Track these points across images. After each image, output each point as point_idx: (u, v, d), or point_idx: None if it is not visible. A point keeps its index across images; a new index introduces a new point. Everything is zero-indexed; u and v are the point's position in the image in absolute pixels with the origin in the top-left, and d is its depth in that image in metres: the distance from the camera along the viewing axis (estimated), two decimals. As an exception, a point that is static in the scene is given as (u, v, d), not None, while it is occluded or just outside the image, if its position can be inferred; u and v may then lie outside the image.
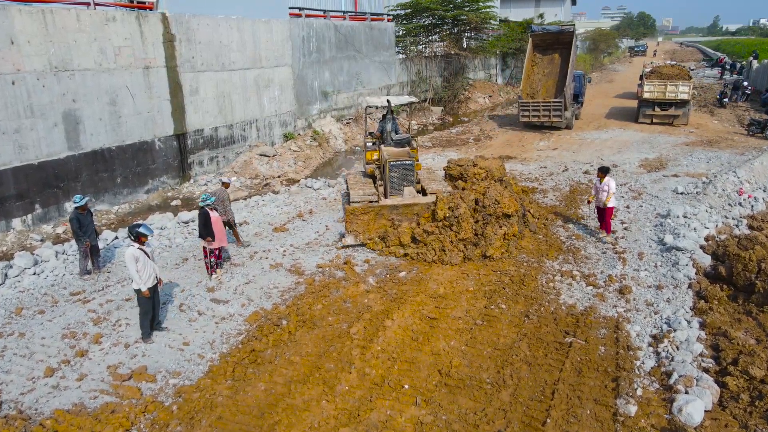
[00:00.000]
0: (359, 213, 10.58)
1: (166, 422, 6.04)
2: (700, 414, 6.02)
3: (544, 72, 25.43)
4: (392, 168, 11.14)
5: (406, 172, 11.23)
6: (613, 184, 10.74)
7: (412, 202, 10.85)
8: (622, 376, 6.72)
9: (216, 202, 9.78)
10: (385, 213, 10.69)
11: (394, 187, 11.23)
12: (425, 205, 10.66)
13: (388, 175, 11.17)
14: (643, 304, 8.46)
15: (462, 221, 10.09)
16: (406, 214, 10.73)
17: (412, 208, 10.72)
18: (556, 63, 25.20)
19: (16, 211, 12.24)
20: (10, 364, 7.07)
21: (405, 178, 11.23)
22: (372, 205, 10.77)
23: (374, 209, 10.66)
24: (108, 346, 7.50)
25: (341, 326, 7.95)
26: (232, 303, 8.66)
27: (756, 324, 7.88)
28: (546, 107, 22.98)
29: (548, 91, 24.36)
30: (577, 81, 25.28)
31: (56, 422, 5.98)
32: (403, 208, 10.72)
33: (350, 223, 10.60)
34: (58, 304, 8.71)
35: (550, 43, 25.31)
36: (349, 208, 10.58)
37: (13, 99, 11.89)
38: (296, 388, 6.58)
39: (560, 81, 24.09)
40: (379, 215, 10.67)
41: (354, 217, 10.57)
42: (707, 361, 7.05)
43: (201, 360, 7.20)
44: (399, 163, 11.15)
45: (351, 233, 10.63)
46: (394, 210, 10.71)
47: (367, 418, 6.08)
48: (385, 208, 10.70)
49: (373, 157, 12.82)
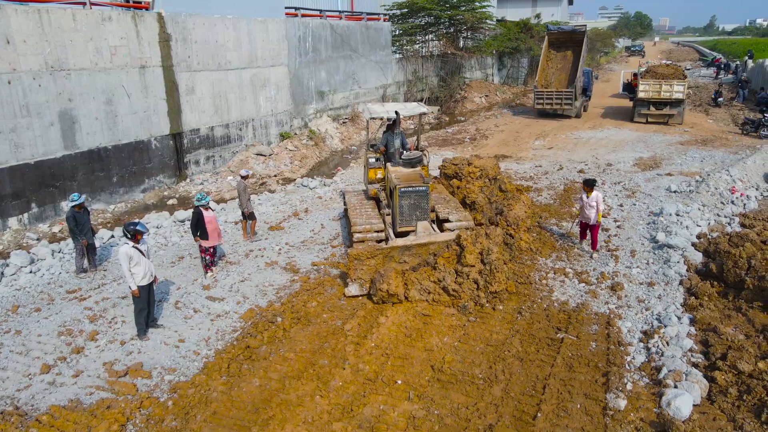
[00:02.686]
0: (365, 258, 8.65)
1: (162, 417, 6.11)
2: (689, 408, 6.11)
3: (557, 66, 28.75)
4: (403, 195, 9.34)
5: (420, 200, 9.44)
6: (601, 198, 10.17)
7: (428, 240, 8.94)
8: (612, 371, 6.81)
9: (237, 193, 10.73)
10: (395, 256, 8.83)
11: (405, 218, 9.47)
12: (443, 244, 8.85)
13: (398, 203, 9.38)
14: (634, 301, 8.56)
15: (496, 271, 8.41)
16: (420, 254, 8.90)
17: (428, 247, 8.89)
18: (569, 59, 28.62)
19: (13, 210, 12.27)
20: (7, 361, 7.12)
21: (418, 207, 9.46)
22: (380, 247, 8.91)
23: (382, 252, 8.76)
24: (104, 343, 7.55)
25: (335, 323, 8.02)
26: (228, 300, 8.72)
27: (746, 320, 7.98)
28: (558, 96, 26.18)
29: (560, 83, 27.57)
30: (586, 76, 28.35)
31: (52, 418, 6.04)
32: (416, 248, 8.88)
33: (354, 271, 8.62)
34: (55, 302, 8.76)
35: (563, 41, 28.80)
36: (353, 253, 8.62)
37: (9, 98, 11.93)
38: (290, 383, 6.65)
39: (571, 74, 27.26)
40: (389, 258, 8.80)
41: (359, 263, 8.63)
42: (697, 357, 7.14)
43: (196, 356, 7.26)
44: (411, 189, 9.34)
45: (355, 282, 8.65)
46: (407, 251, 8.86)
47: (360, 413, 6.15)
48: (395, 250, 8.83)
49: (376, 175, 11.33)
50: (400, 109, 11.20)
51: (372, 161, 11.43)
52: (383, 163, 11.25)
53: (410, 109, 11.73)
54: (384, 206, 10.36)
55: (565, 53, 29.02)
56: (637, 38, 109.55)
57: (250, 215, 11.16)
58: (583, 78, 27.75)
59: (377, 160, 11.44)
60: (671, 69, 25.24)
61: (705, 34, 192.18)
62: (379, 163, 11.41)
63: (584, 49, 28.04)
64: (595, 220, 10.12)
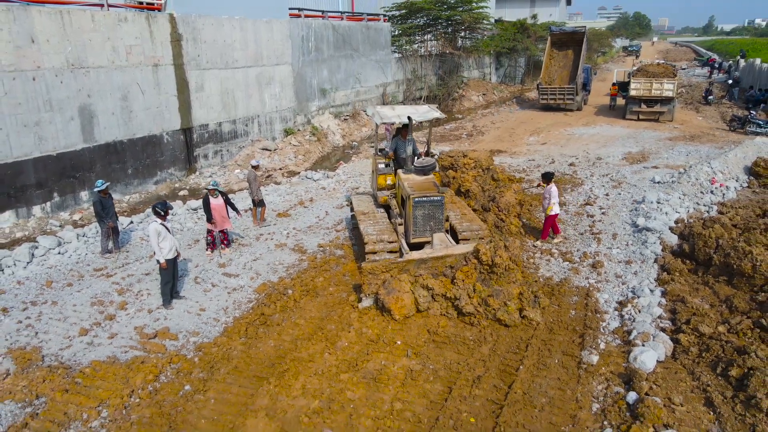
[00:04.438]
0: (379, 272, 8.27)
1: (189, 370, 6.95)
2: (653, 362, 6.95)
3: (559, 64, 31.53)
4: (417, 205, 8.97)
5: (434, 210, 9.06)
6: (555, 192, 10.56)
7: (445, 253, 8.53)
8: (588, 334, 7.66)
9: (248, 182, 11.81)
10: (410, 269, 8.39)
11: (419, 229, 9.08)
12: (461, 256, 8.46)
13: (411, 213, 9.01)
14: (612, 277, 9.40)
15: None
16: (436, 267, 8.49)
17: (444, 260, 8.48)
18: (570, 57, 31.36)
19: (36, 199, 13.10)
20: (48, 326, 7.95)
21: (432, 218, 9.09)
22: (395, 261, 8.49)
23: (397, 266, 8.31)
24: (133, 311, 8.39)
25: (341, 295, 8.87)
26: (242, 277, 9.57)
27: (711, 292, 8.83)
28: (561, 92, 28.95)
29: (563, 79, 30.39)
30: (586, 73, 31.32)
31: (94, 371, 6.88)
32: (432, 262, 8.45)
33: (368, 285, 8.28)
34: (84, 278, 9.60)
35: (565, 41, 31.69)
36: (366, 267, 8.25)
37: (34, 94, 12.76)
38: (302, 344, 7.49)
39: (572, 71, 30.03)
40: (404, 272, 8.37)
41: (373, 277, 8.26)
42: (665, 323, 7.99)
43: (216, 323, 8.10)
44: (426, 199, 8.96)
45: (369, 297, 8.32)
46: (422, 264, 8.42)
47: (364, 367, 7.00)
48: (411, 263, 8.37)
49: (386, 182, 10.90)
50: (411, 114, 10.59)
51: (381, 167, 10.95)
52: (393, 170, 10.86)
53: (422, 113, 10.90)
54: (395, 215, 9.92)
55: (567, 52, 31.65)
56: (635, 38, 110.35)
57: (259, 202, 12.02)
58: (583, 74, 30.22)
59: (387, 165, 10.96)
60: (662, 68, 26.10)
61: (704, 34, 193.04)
62: (388, 169, 10.94)
63: (584, 48, 30.56)
64: (544, 210, 10.78)
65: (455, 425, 6.00)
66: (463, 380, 6.75)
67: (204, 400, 6.40)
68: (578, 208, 13.04)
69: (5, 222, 12.45)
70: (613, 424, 5.97)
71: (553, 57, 31.83)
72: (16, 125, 12.43)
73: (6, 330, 7.84)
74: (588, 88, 32.10)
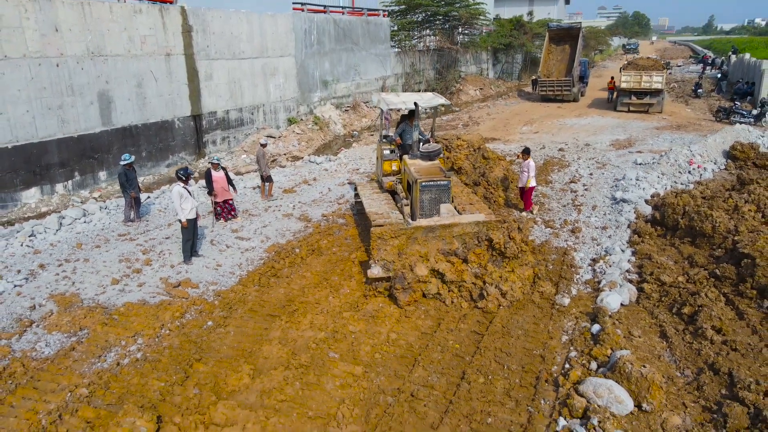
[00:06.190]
0: (388, 237, 8.45)
1: (211, 311, 7.93)
2: (617, 303, 7.93)
3: (557, 59, 33.58)
4: (424, 189, 9.08)
5: (441, 194, 9.21)
6: (533, 166, 11.40)
7: (452, 222, 8.70)
8: (562, 282, 8.64)
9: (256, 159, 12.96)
10: (418, 237, 8.63)
11: (425, 212, 9.17)
12: (470, 225, 8.69)
13: (418, 197, 9.12)
14: (589, 240, 10.38)
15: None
16: (443, 237, 8.69)
17: (451, 229, 8.67)
18: (567, 52, 33.39)
19: (59, 178, 14.09)
20: (83, 277, 8.93)
21: (439, 202, 9.28)
22: (403, 226, 8.64)
23: (406, 232, 8.55)
24: (157, 267, 9.38)
25: (344, 254, 9.86)
26: (253, 240, 10.55)
27: (676, 252, 9.80)
28: (558, 84, 31.05)
29: (560, 72, 32.34)
30: (583, 66, 33.71)
31: (128, 310, 7.86)
32: (440, 230, 8.65)
33: (377, 251, 8.35)
34: (110, 242, 10.59)
35: (562, 36, 33.68)
36: (376, 231, 8.41)
37: (57, 79, 13.74)
38: (309, 290, 8.48)
39: (569, 65, 32.15)
40: (412, 240, 8.60)
41: (382, 242, 8.41)
42: (632, 275, 8.96)
43: (232, 275, 9.09)
44: (432, 183, 9.09)
45: (379, 263, 8.31)
46: (430, 232, 8.64)
47: (364, 308, 7.99)
48: (419, 231, 8.59)
49: (391, 168, 11.04)
50: (417, 100, 10.67)
51: (386, 153, 11.12)
52: (398, 156, 11.05)
53: (427, 100, 11.09)
54: (401, 199, 10.08)
55: (564, 47, 33.67)
56: (633, 37, 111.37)
57: (268, 178, 13.00)
58: (580, 67, 32.51)
59: (392, 152, 11.13)
60: (651, 62, 27.11)
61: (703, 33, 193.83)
62: (394, 155, 11.10)
63: (580, 43, 32.71)
64: (524, 183, 11.70)
65: (442, 350, 6.99)
66: (451, 318, 7.74)
67: (225, 333, 7.38)
68: (563, 185, 14.02)
69: (31, 198, 13.43)
70: (578, 348, 6.94)
71: (551, 51, 33.83)
72: (41, 108, 13.41)
73: (45, 281, 8.83)
74: (585, 81, 34.28)
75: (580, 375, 6.29)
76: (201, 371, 6.51)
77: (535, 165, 11.91)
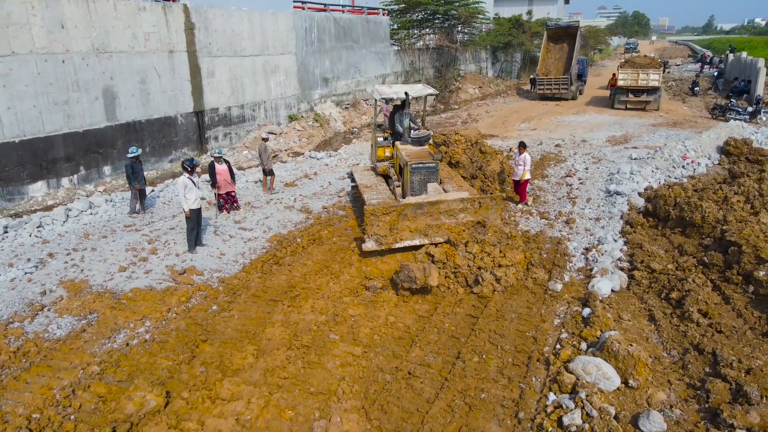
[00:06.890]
0: (380, 213, 9.12)
1: (215, 296, 8.21)
2: (608, 289, 8.21)
3: (555, 57, 33.86)
4: (414, 171, 9.88)
5: (429, 175, 10.03)
6: (529, 160, 11.74)
7: (438, 199, 9.41)
8: (555, 269, 8.91)
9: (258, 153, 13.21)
10: (408, 213, 9.28)
11: (415, 192, 10.00)
12: (455, 202, 9.41)
13: (409, 178, 9.95)
14: (582, 230, 10.66)
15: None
16: (431, 213, 9.37)
17: (438, 206, 9.36)
18: (565, 50, 33.67)
19: (65, 172, 14.36)
20: (91, 265, 9.21)
21: (428, 182, 10.07)
22: (394, 204, 9.40)
23: (396, 209, 9.23)
24: (162, 255, 9.66)
25: (344, 244, 10.13)
26: (256, 230, 10.84)
27: (667, 241, 10.08)
28: (557, 82, 31.20)
29: (558, 71, 32.62)
30: (581, 64, 34.18)
31: (135, 295, 8.14)
32: (428, 207, 9.31)
33: (371, 226, 9.10)
34: (116, 232, 10.87)
35: (560, 35, 33.96)
36: (369, 208, 9.10)
37: (63, 75, 14.01)
38: (310, 277, 8.76)
39: (567, 63, 32.38)
40: (402, 216, 9.27)
41: (375, 218, 9.09)
42: (623, 263, 9.24)
43: (235, 263, 9.37)
44: (422, 165, 9.92)
45: (372, 237, 9.10)
46: (419, 209, 9.30)
47: (363, 293, 8.27)
48: (408, 207, 9.26)
49: (384, 154, 11.83)
50: (407, 90, 11.45)
51: (380, 140, 11.83)
52: (391, 142, 11.68)
53: (417, 90, 11.96)
54: (393, 181, 10.84)
55: (562, 45, 33.94)
56: (632, 36, 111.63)
57: (269, 171, 13.28)
58: (578, 66, 32.81)
59: (385, 139, 11.84)
60: (648, 60, 27.37)
61: (703, 33, 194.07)
62: (387, 142, 11.80)
63: (578, 42, 33.07)
64: (519, 176, 12.00)
65: (438, 332, 7.27)
66: (447, 302, 8.02)
67: (229, 317, 7.66)
68: (559, 179, 14.30)
69: (38, 191, 13.71)
70: (569, 330, 7.22)
71: (549, 50, 34.11)
72: (47, 103, 13.68)
73: (54, 269, 9.10)
74: (584, 79, 34.52)
75: (570, 354, 6.57)
76: (207, 351, 6.79)
77: (531, 159, 12.16)
